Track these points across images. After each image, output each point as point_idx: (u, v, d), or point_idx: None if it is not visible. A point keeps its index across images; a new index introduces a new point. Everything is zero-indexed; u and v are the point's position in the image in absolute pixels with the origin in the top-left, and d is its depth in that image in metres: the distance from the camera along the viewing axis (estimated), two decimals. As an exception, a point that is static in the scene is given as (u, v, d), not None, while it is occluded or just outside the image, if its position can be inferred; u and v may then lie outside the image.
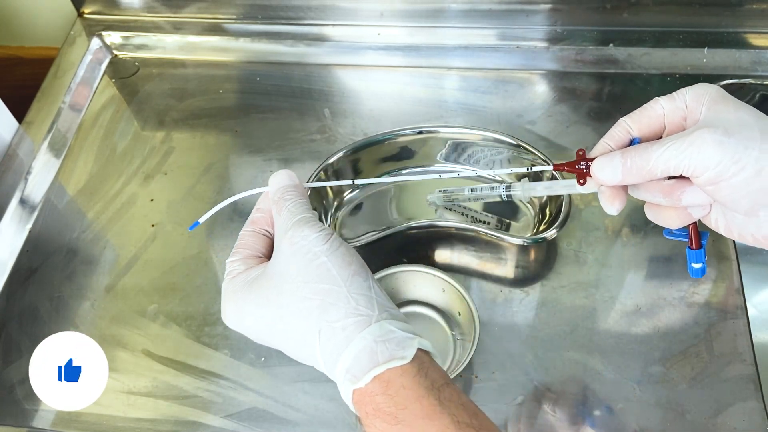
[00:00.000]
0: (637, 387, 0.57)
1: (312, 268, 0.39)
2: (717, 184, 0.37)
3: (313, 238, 0.40)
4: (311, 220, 0.41)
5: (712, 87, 0.41)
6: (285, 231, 0.41)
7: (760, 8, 0.76)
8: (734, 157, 0.36)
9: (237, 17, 0.85)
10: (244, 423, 0.58)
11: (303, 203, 0.43)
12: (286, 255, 0.40)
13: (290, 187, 0.44)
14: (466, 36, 0.82)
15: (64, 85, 0.82)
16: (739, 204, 0.38)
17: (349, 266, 0.40)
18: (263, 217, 0.46)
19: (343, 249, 0.40)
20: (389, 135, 0.69)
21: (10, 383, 0.61)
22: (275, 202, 0.44)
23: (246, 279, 0.42)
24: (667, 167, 0.38)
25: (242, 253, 0.44)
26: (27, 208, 0.73)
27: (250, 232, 0.45)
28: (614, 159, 0.40)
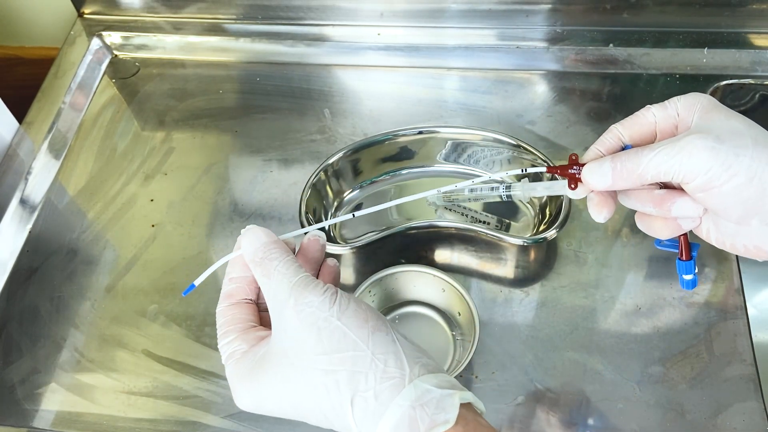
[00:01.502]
0: (637, 387, 0.57)
1: (327, 336, 0.36)
2: (708, 191, 0.37)
3: (318, 303, 0.37)
4: (309, 281, 0.38)
5: (704, 96, 0.41)
6: (285, 299, 0.38)
7: (760, 8, 0.76)
8: (725, 164, 0.36)
9: (237, 17, 0.85)
10: (244, 423, 0.58)
11: (291, 261, 0.39)
12: (295, 327, 0.37)
13: (270, 244, 0.40)
14: (466, 36, 0.82)
15: (65, 85, 0.82)
16: (730, 212, 0.38)
17: (366, 323, 0.37)
18: (239, 287, 0.42)
19: (353, 306, 0.37)
20: (389, 135, 0.69)
21: (10, 383, 0.61)
22: (258, 264, 0.40)
23: (253, 359, 0.39)
24: (657, 172, 0.38)
25: (236, 330, 0.40)
26: (27, 208, 0.73)
27: (230, 306, 0.42)
28: (604, 164, 0.40)
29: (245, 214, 0.71)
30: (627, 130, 0.42)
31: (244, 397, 0.39)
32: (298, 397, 0.37)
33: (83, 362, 0.62)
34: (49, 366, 0.62)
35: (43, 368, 0.62)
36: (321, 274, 0.45)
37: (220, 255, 0.67)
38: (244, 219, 0.70)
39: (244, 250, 0.41)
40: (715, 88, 0.76)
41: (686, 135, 0.38)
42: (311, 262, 0.44)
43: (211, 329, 0.63)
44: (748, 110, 0.80)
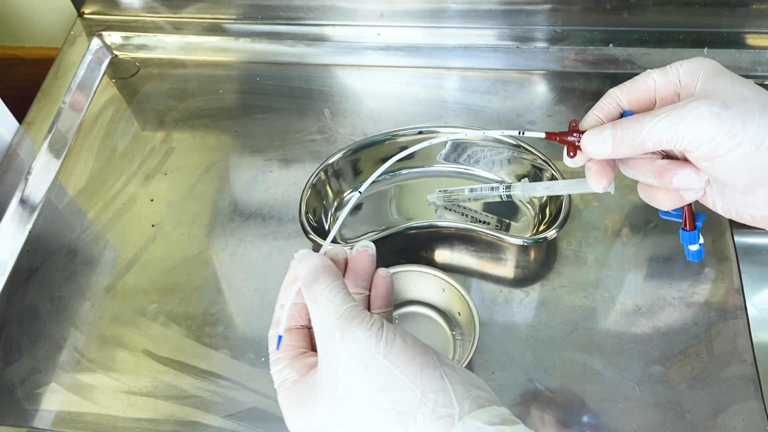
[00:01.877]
0: (637, 387, 0.57)
1: (374, 375, 0.35)
2: (712, 160, 0.36)
3: (365, 339, 0.35)
4: (356, 312, 0.37)
5: (708, 61, 0.39)
6: (331, 332, 0.36)
7: (760, 8, 0.76)
8: (731, 132, 0.35)
9: (237, 17, 0.85)
10: (244, 423, 0.58)
11: (339, 287, 0.38)
12: (342, 363, 0.36)
13: (320, 268, 0.39)
14: (466, 36, 0.82)
15: (65, 85, 0.82)
16: (736, 181, 0.37)
17: (414, 360, 0.35)
18: (291, 315, 0.41)
19: (399, 341, 0.36)
20: (389, 135, 0.69)
21: (11, 383, 0.61)
22: (307, 287, 0.39)
23: (303, 389, 0.38)
24: (659, 140, 0.37)
25: (286, 357, 0.40)
26: (27, 208, 0.73)
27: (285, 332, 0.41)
28: (604, 131, 0.39)
29: (245, 214, 0.71)
30: (626, 95, 0.40)
31: (295, 425, 0.39)
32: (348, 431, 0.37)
33: (83, 362, 0.62)
34: (49, 366, 0.62)
35: (43, 368, 0.62)
36: (374, 285, 0.43)
37: (220, 255, 0.68)
38: (244, 219, 0.70)
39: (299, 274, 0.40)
40: (715, 88, 0.76)
41: (690, 101, 0.36)
42: (362, 275, 0.43)
43: (211, 329, 0.63)
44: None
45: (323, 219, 0.68)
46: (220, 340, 0.63)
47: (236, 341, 0.62)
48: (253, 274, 0.66)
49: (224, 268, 0.67)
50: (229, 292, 0.66)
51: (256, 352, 0.61)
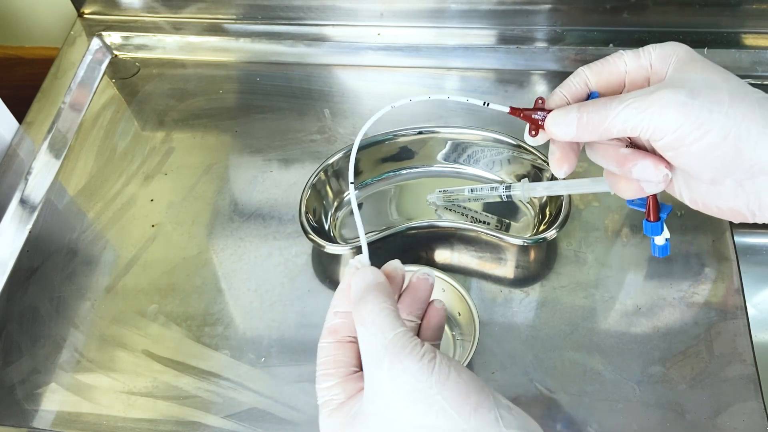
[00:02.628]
0: (637, 387, 0.57)
1: (425, 410, 0.32)
2: (677, 149, 0.35)
3: (415, 371, 0.33)
4: (406, 341, 0.34)
5: (681, 46, 0.38)
6: (379, 359, 0.34)
7: (760, 8, 0.76)
8: (697, 121, 0.34)
9: (237, 17, 0.85)
10: (244, 423, 0.58)
11: (389, 311, 0.35)
12: (388, 393, 0.33)
13: (372, 286, 0.36)
14: (466, 36, 0.82)
15: (64, 85, 0.82)
16: (702, 172, 0.36)
17: (468, 398, 0.33)
18: (344, 323, 0.38)
19: (453, 376, 0.33)
20: (389, 135, 0.69)
21: (10, 383, 0.61)
22: (356, 305, 0.36)
23: (348, 414, 0.36)
24: (624, 127, 0.35)
25: (336, 375, 0.37)
26: (27, 208, 0.73)
27: (334, 344, 0.38)
28: (570, 113, 0.37)
29: (245, 214, 0.71)
30: (595, 75, 0.39)
31: None
32: None
33: (83, 362, 0.62)
34: (49, 366, 0.62)
35: (43, 368, 0.62)
36: (427, 315, 0.41)
37: (220, 255, 0.68)
38: (244, 219, 0.70)
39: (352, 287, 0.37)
40: (715, 88, 0.76)
41: (658, 88, 0.35)
42: (417, 302, 0.41)
43: (211, 329, 0.63)
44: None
45: (323, 219, 0.68)
46: (220, 340, 0.63)
47: (236, 341, 0.62)
48: (253, 274, 0.66)
49: (224, 268, 0.67)
50: (229, 292, 0.66)
51: (256, 352, 0.62)
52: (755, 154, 0.34)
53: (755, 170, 0.35)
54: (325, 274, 0.66)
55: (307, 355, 0.61)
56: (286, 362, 0.61)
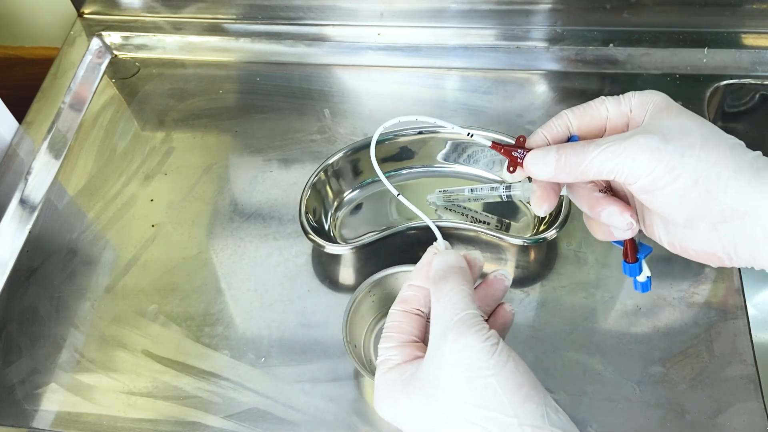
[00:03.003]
0: (637, 387, 0.57)
1: (477, 388, 0.34)
2: (651, 192, 0.36)
3: (478, 350, 0.34)
4: (475, 321, 0.36)
5: (658, 95, 0.39)
6: (445, 331, 0.36)
7: (760, 8, 0.76)
8: (669, 165, 0.35)
9: (237, 17, 0.85)
10: (244, 423, 0.58)
11: (466, 293, 0.37)
12: (447, 364, 0.35)
13: (454, 268, 0.39)
14: (466, 36, 0.82)
15: (64, 85, 0.82)
16: (676, 215, 0.37)
17: (520, 389, 0.34)
18: (415, 296, 0.40)
19: (511, 364, 0.34)
20: (389, 135, 0.69)
21: (10, 383, 0.61)
22: (435, 282, 0.38)
23: (402, 375, 0.38)
24: (600, 170, 0.37)
25: (398, 339, 0.39)
26: (27, 208, 0.73)
27: (402, 312, 0.40)
28: (549, 154, 0.38)
29: (245, 214, 0.71)
30: (577, 119, 0.40)
31: (385, 406, 0.38)
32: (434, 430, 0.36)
33: (83, 362, 0.62)
34: (49, 366, 0.62)
35: (43, 368, 0.62)
36: (494, 314, 0.43)
37: (220, 255, 0.68)
38: (244, 219, 0.70)
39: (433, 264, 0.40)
40: (715, 88, 0.76)
41: (633, 134, 0.36)
42: (488, 299, 0.42)
43: (211, 329, 0.63)
44: (748, 110, 0.80)
45: (323, 219, 0.68)
46: (220, 340, 0.63)
47: (236, 341, 0.62)
48: (253, 274, 0.66)
49: (224, 268, 0.67)
50: (229, 292, 0.66)
51: (256, 352, 0.61)
52: (726, 198, 0.35)
53: (727, 214, 0.36)
54: (325, 274, 0.66)
55: (307, 355, 0.61)
56: (286, 362, 0.61)
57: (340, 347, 0.59)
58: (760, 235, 0.35)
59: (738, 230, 0.36)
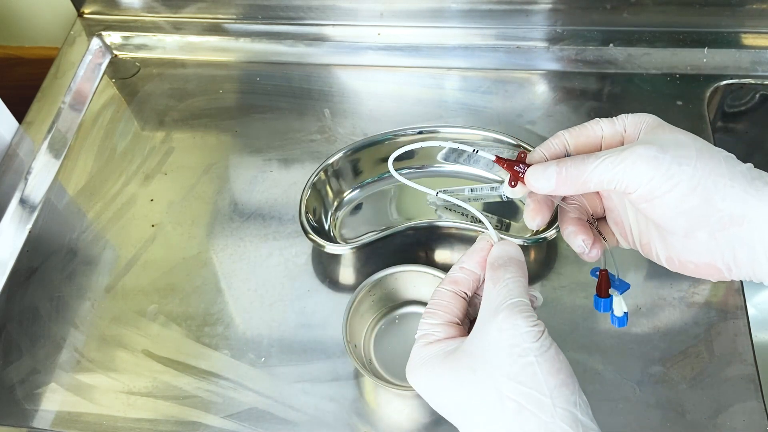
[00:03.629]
0: (637, 387, 0.57)
1: (518, 365, 0.36)
2: (651, 201, 0.37)
3: (524, 332, 0.36)
4: (526, 308, 0.37)
5: (650, 116, 0.41)
6: (496, 310, 0.37)
7: (760, 8, 0.76)
8: (668, 173, 0.36)
9: (237, 17, 0.85)
10: (244, 423, 0.58)
11: (522, 284, 0.39)
12: (492, 340, 0.37)
13: (515, 260, 0.41)
14: (466, 36, 0.82)
15: (64, 85, 0.82)
16: (675, 224, 0.38)
17: (558, 374, 0.36)
18: (466, 279, 0.42)
19: (552, 351, 0.36)
20: (389, 135, 0.69)
21: (10, 383, 0.61)
22: (495, 268, 0.40)
23: (442, 350, 0.39)
24: (600, 180, 0.38)
25: (443, 318, 0.41)
26: (27, 208, 0.73)
27: (450, 293, 0.42)
28: (549, 167, 0.40)
29: (245, 214, 0.71)
30: (573, 138, 0.42)
31: (419, 376, 0.39)
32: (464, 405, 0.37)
33: (83, 362, 0.62)
34: (49, 366, 0.62)
35: (43, 368, 0.62)
36: None
37: (220, 255, 0.68)
38: (244, 219, 0.70)
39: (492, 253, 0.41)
40: (715, 88, 0.76)
41: (631, 146, 0.38)
42: None
43: (211, 329, 0.63)
44: (748, 110, 0.80)
45: (323, 219, 0.68)
46: (220, 340, 0.63)
47: (236, 341, 0.62)
48: (253, 274, 0.66)
49: (224, 268, 0.67)
50: (229, 292, 0.66)
51: (256, 352, 0.61)
52: (724, 204, 0.36)
53: (725, 221, 0.37)
54: (325, 274, 0.66)
55: (307, 355, 0.61)
56: (286, 362, 0.61)
57: (340, 347, 0.59)
58: (758, 242, 0.36)
59: (736, 238, 0.37)
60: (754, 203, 0.36)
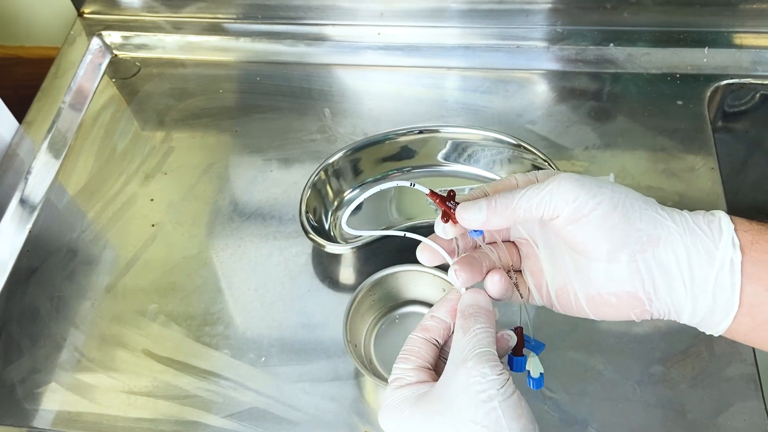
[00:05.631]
0: (637, 387, 0.57)
1: (483, 410, 0.38)
2: (578, 220, 0.39)
3: (490, 379, 0.38)
4: (493, 357, 0.40)
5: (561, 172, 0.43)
6: (465, 358, 0.40)
7: (760, 8, 0.76)
8: (591, 192, 0.38)
9: (237, 17, 0.85)
10: (244, 423, 0.58)
11: (491, 333, 0.41)
12: (459, 386, 0.39)
13: (485, 310, 0.43)
14: (466, 35, 0.82)
15: (64, 85, 0.82)
16: (599, 245, 0.39)
17: (520, 418, 0.38)
18: (437, 327, 0.44)
19: (515, 397, 0.38)
20: (389, 135, 0.69)
21: (10, 383, 0.61)
22: (465, 317, 0.42)
23: (413, 393, 0.41)
24: (529, 206, 0.39)
25: (415, 363, 0.43)
26: (27, 208, 0.73)
27: (422, 339, 0.44)
28: (479, 201, 0.41)
29: (245, 213, 0.71)
30: (492, 188, 0.44)
31: (390, 420, 0.41)
32: None
33: (83, 362, 0.62)
34: (49, 366, 0.62)
35: (43, 368, 0.62)
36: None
37: (220, 255, 0.68)
38: (244, 219, 0.70)
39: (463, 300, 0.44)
40: (716, 88, 0.76)
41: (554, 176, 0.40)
42: None
43: (211, 329, 0.63)
44: (748, 110, 0.80)
45: (323, 219, 0.68)
46: (220, 340, 0.62)
47: (236, 341, 0.62)
48: (253, 274, 0.66)
49: (224, 268, 0.67)
50: (229, 292, 0.66)
51: (256, 352, 0.61)
52: (642, 225, 0.39)
53: (644, 240, 0.39)
54: (326, 274, 0.66)
55: (307, 354, 0.61)
56: (286, 362, 0.61)
57: (340, 347, 0.59)
58: (673, 265, 0.39)
59: (654, 261, 0.39)
60: (666, 224, 0.39)
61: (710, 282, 0.38)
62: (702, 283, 0.38)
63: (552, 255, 0.44)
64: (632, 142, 0.72)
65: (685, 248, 0.39)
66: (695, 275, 0.38)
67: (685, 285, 0.39)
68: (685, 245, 0.39)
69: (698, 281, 0.38)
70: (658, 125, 0.74)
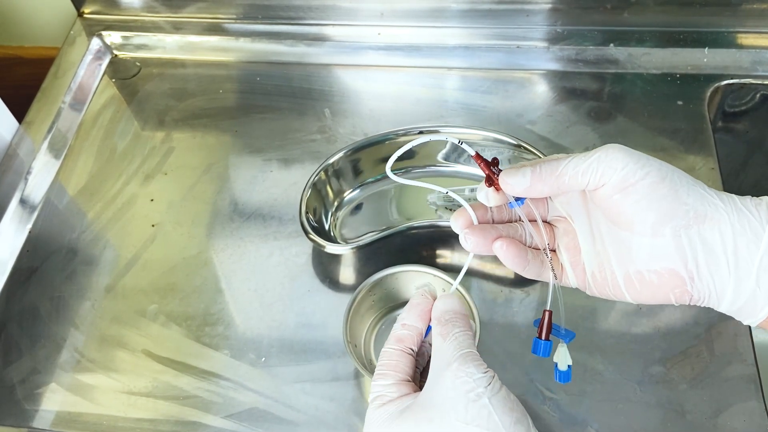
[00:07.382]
0: (637, 387, 0.57)
1: (473, 409, 0.37)
2: (625, 189, 0.38)
3: (477, 377, 0.38)
4: (477, 357, 0.40)
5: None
6: (449, 362, 0.39)
7: (760, 8, 0.76)
8: (639, 162, 0.38)
9: (237, 17, 0.85)
10: (244, 423, 0.58)
11: (470, 336, 0.41)
12: (447, 389, 0.38)
13: (460, 314, 0.43)
14: (466, 36, 0.82)
15: (64, 85, 0.82)
16: (645, 216, 0.38)
17: (512, 413, 0.38)
18: (409, 335, 0.43)
19: (504, 392, 0.38)
20: (389, 135, 0.69)
21: (10, 383, 0.61)
22: (442, 324, 0.42)
23: (398, 408, 0.40)
24: (575, 172, 0.39)
25: (394, 377, 0.42)
26: (27, 208, 0.73)
27: (398, 351, 0.43)
28: (524, 167, 0.40)
29: (245, 214, 0.71)
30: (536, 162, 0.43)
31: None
32: None
33: (83, 362, 0.62)
34: (49, 366, 0.62)
35: (43, 368, 0.62)
36: None
37: (220, 255, 0.68)
38: (244, 219, 0.70)
39: (436, 307, 0.43)
40: (716, 88, 0.76)
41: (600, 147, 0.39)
42: None
43: (211, 329, 0.63)
44: (748, 110, 0.80)
45: (323, 219, 0.68)
46: (220, 340, 0.62)
47: (236, 341, 0.62)
48: (252, 275, 0.66)
49: (224, 268, 0.67)
50: (229, 292, 0.66)
51: (256, 352, 0.61)
52: (690, 199, 0.38)
53: (691, 216, 0.38)
54: (326, 274, 0.66)
55: (307, 355, 0.61)
56: (286, 362, 0.61)
57: (340, 347, 0.59)
58: (719, 244, 0.37)
59: (699, 239, 0.38)
60: (714, 202, 0.38)
61: (755, 264, 0.37)
62: (746, 265, 0.37)
63: (590, 232, 0.42)
64: (632, 142, 0.72)
65: (732, 228, 0.37)
66: (740, 256, 0.37)
67: (729, 266, 0.37)
68: (732, 225, 0.37)
69: (743, 263, 0.37)
70: (658, 125, 0.74)
